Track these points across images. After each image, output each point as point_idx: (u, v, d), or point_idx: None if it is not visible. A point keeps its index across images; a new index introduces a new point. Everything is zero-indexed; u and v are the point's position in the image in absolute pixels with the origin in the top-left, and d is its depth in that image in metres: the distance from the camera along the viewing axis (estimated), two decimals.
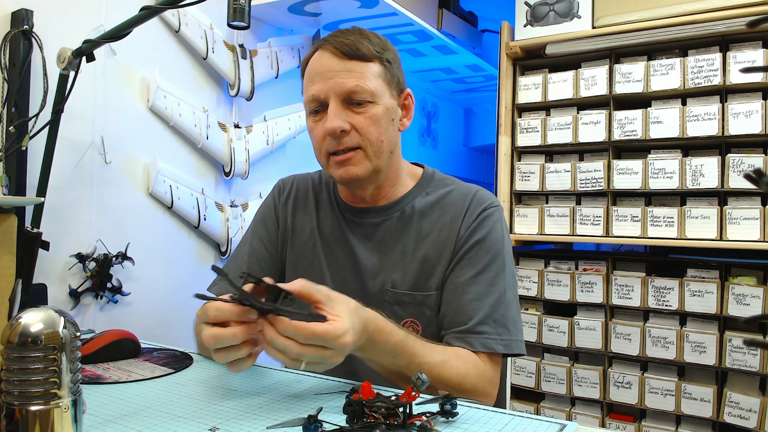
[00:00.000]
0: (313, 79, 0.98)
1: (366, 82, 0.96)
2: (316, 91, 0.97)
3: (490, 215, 1.03)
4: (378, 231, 1.05)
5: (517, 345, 0.97)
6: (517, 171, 1.93)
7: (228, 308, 0.76)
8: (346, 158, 0.97)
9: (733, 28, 1.60)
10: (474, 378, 0.91)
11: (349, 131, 0.96)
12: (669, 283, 1.68)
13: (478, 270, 0.99)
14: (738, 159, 1.59)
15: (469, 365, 0.92)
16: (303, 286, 0.74)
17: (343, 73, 0.96)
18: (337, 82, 0.95)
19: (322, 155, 1.00)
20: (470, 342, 0.94)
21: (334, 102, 0.96)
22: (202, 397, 0.81)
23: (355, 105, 0.96)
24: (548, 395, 1.88)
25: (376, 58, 0.98)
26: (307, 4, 1.94)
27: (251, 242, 1.13)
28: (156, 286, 1.71)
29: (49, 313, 0.60)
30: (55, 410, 0.59)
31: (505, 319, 0.97)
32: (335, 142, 0.96)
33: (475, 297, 0.97)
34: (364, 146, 0.97)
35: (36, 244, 1.17)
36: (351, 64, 0.96)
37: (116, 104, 1.58)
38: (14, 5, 1.33)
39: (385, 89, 0.99)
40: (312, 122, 1.00)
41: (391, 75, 1.01)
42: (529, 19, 1.90)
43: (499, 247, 1.01)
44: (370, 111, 0.97)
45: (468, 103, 3.42)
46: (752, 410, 1.54)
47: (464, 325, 0.95)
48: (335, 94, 0.96)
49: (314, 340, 0.70)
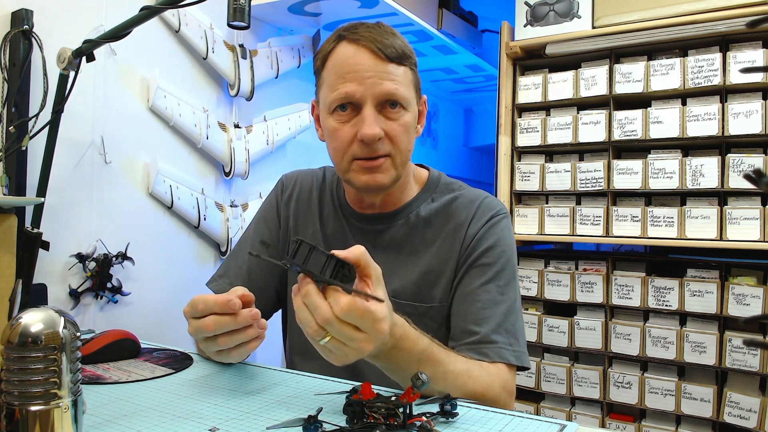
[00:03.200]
0: (346, 76, 0.91)
1: (403, 88, 0.92)
2: (351, 90, 0.90)
3: (498, 222, 1.00)
4: (382, 238, 1.03)
5: (525, 357, 0.94)
6: (517, 171, 1.93)
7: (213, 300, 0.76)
8: (375, 165, 0.92)
9: (733, 28, 1.60)
10: (497, 388, 0.88)
11: (383, 138, 0.92)
12: (669, 283, 1.68)
13: (489, 278, 0.96)
14: (738, 159, 1.59)
15: (493, 375, 0.88)
16: (361, 256, 0.67)
17: (383, 74, 0.90)
18: (376, 84, 0.90)
19: (346, 158, 0.94)
20: (485, 353, 0.91)
21: (369, 105, 0.90)
22: (202, 397, 0.81)
23: (388, 110, 0.92)
24: (548, 395, 1.88)
25: (408, 61, 0.94)
26: (307, 4, 1.94)
27: (252, 240, 1.13)
28: (156, 286, 1.71)
29: (49, 313, 0.60)
30: (55, 410, 0.59)
31: (515, 330, 0.94)
32: (367, 148, 0.91)
33: (485, 305, 0.94)
34: (393, 154, 0.93)
35: (36, 244, 1.17)
36: (390, 67, 0.91)
37: (116, 104, 1.58)
38: (14, 5, 1.33)
39: (414, 95, 0.96)
40: (337, 122, 0.93)
41: (417, 80, 0.98)
42: (529, 19, 1.90)
43: (509, 255, 0.99)
44: (403, 118, 0.93)
45: (468, 103, 3.42)
46: (752, 410, 1.54)
47: (476, 334, 0.92)
48: (373, 96, 0.90)
49: (350, 316, 0.64)
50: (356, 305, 0.64)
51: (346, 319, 0.64)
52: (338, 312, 0.63)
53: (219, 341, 0.77)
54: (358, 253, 0.67)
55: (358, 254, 0.67)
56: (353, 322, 0.65)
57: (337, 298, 0.64)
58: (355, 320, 0.65)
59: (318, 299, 0.64)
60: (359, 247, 0.68)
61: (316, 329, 0.65)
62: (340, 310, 0.63)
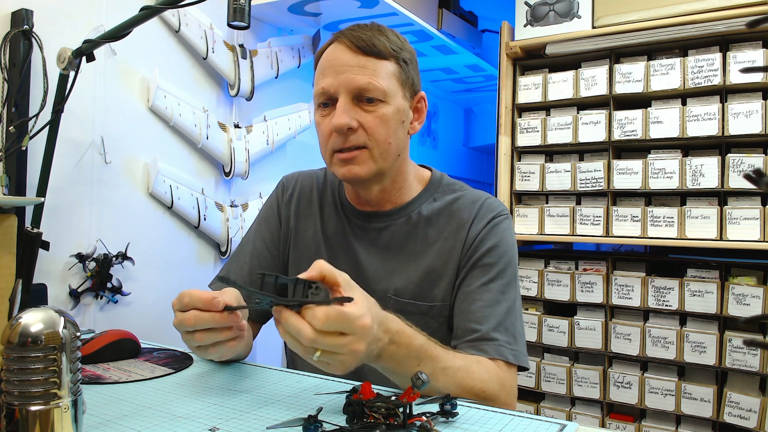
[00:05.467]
0: (324, 71, 0.95)
1: (378, 80, 0.93)
2: (327, 85, 0.94)
3: (500, 223, 1.01)
4: (383, 236, 1.04)
5: (523, 357, 0.95)
6: (517, 171, 1.93)
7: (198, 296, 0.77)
8: (350, 157, 0.94)
9: (733, 28, 1.60)
10: (496, 385, 0.88)
11: (356, 129, 0.93)
12: (669, 283, 1.68)
13: (490, 277, 0.97)
14: (738, 159, 1.59)
15: (491, 372, 0.89)
16: (322, 269, 0.69)
17: (356, 68, 0.93)
18: (348, 78, 0.92)
19: (327, 151, 0.97)
20: (484, 349, 0.91)
21: (343, 98, 0.93)
22: (202, 397, 0.81)
23: (365, 102, 0.93)
24: (548, 395, 1.88)
25: (392, 57, 0.95)
26: (307, 4, 1.94)
27: (253, 242, 1.13)
28: (156, 286, 1.71)
29: (49, 313, 0.60)
30: (55, 410, 0.59)
31: (514, 329, 0.95)
32: (341, 139, 0.94)
33: (486, 304, 0.95)
34: (370, 146, 0.94)
35: (36, 244, 1.17)
36: (365, 60, 0.93)
37: (116, 104, 1.58)
38: (14, 5, 1.33)
39: (398, 90, 0.96)
40: (319, 116, 0.97)
41: (406, 75, 0.98)
42: (529, 19, 1.90)
43: (510, 255, 1.00)
44: (380, 110, 0.94)
45: (468, 103, 3.42)
46: (752, 410, 1.54)
47: (476, 332, 0.93)
48: (346, 89, 0.93)
49: (330, 325, 0.65)
50: (331, 313, 0.65)
51: (328, 329, 0.66)
52: (318, 325, 0.65)
53: (196, 336, 0.79)
54: (319, 268, 0.70)
55: (319, 269, 0.70)
56: (337, 329, 0.66)
57: (314, 314, 0.65)
58: (336, 327, 0.66)
59: (297, 322, 0.66)
60: (319, 262, 0.70)
61: (305, 349, 0.67)
62: (318, 322, 0.65)
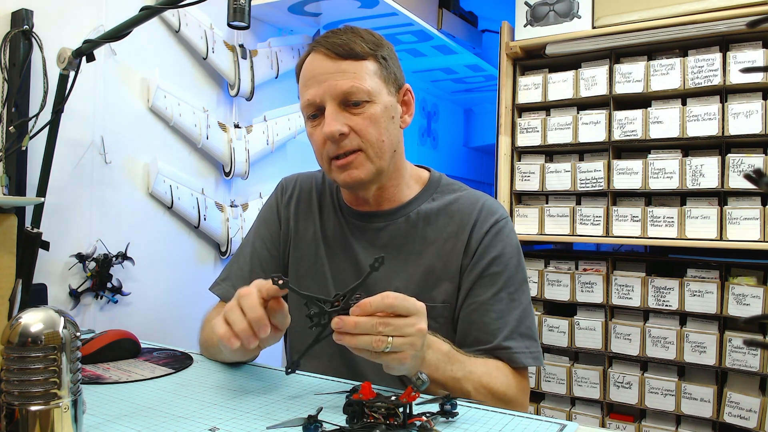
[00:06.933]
0: (307, 83, 0.96)
1: (361, 82, 0.93)
2: (312, 96, 0.94)
3: (502, 228, 1.01)
4: (381, 235, 1.04)
5: (541, 357, 0.98)
6: (517, 171, 1.93)
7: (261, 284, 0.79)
8: (347, 162, 0.95)
9: (733, 28, 1.60)
10: (515, 389, 0.91)
11: (348, 134, 0.93)
12: (669, 283, 1.68)
13: (499, 287, 0.97)
14: (738, 159, 1.59)
15: (510, 377, 0.92)
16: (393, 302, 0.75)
17: (337, 74, 0.93)
18: (331, 85, 0.93)
19: (324, 160, 0.98)
20: (500, 358, 0.94)
21: (330, 105, 0.93)
22: (202, 397, 0.81)
23: (352, 106, 0.93)
24: (548, 395, 1.88)
25: (371, 56, 0.96)
26: (307, 4, 1.94)
27: (253, 243, 1.13)
28: (156, 286, 1.71)
29: (49, 313, 0.60)
30: (55, 410, 0.59)
31: (531, 332, 0.97)
32: (335, 146, 0.94)
33: (498, 315, 0.96)
34: (364, 148, 0.94)
35: (36, 244, 1.17)
36: (345, 65, 0.93)
37: (116, 104, 1.58)
38: (14, 5, 1.33)
39: (383, 87, 0.97)
40: (311, 127, 0.98)
41: (388, 71, 0.98)
42: (529, 19, 1.90)
43: (516, 260, 1.01)
44: (368, 111, 0.94)
45: (468, 103, 3.42)
46: (752, 410, 1.54)
47: (490, 342, 0.94)
48: (331, 96, 0.93)
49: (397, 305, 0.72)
50: (390, 293, 0.73)
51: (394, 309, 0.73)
52: (388, 304, 0.72)
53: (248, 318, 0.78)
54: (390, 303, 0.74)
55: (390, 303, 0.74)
56: (399, 308, 0.73)
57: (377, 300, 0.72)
58: (398, 305, 0.73)
59: (366, 319, 0.71)
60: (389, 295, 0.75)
61: (378, 341, 0.71)
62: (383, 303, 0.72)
